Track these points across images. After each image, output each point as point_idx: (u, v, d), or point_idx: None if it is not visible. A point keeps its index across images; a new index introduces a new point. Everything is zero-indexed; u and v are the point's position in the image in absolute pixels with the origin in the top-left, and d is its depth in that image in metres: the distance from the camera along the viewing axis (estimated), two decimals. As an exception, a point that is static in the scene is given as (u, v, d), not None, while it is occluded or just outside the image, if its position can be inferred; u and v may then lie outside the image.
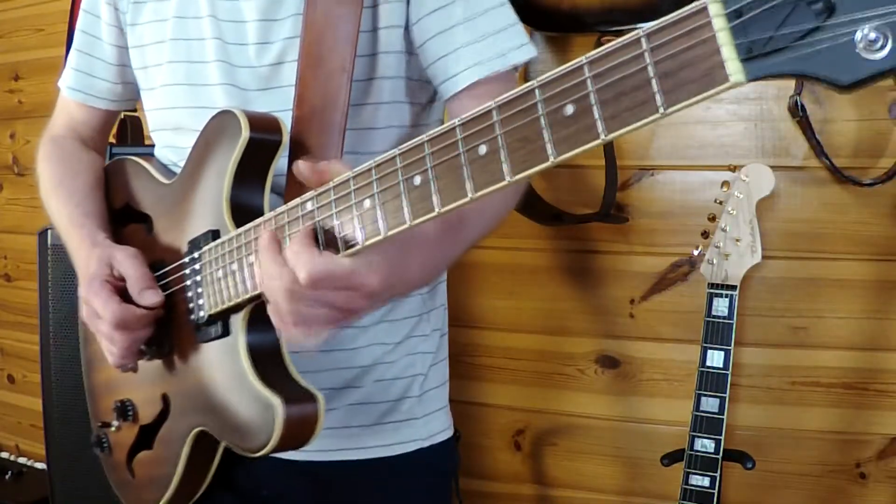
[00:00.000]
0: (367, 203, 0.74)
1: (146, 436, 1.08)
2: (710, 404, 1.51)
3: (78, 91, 1.22)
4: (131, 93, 1.22)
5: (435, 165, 0.69)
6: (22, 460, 2.59)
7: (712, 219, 1.55)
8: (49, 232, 1.87)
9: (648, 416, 1.88)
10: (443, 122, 1.14)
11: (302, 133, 1.00)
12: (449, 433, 1.20)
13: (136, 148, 1.93)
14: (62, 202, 1.15)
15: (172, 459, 1.02)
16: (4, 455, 2.66)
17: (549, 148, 0.61)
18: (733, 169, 1.53)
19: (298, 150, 0.99)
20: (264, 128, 0.96)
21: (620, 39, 0.57)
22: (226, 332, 0.93)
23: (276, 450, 0.87)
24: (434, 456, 1.17)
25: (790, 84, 1.65)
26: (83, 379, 1.23)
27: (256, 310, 0.90)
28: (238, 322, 0.92)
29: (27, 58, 2.62)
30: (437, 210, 0.69)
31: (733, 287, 1.51)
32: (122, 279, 1.01)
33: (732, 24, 0.51)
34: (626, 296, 1.87)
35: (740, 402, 1.76)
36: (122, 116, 2.05)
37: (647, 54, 0.55)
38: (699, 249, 1.55)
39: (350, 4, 1.00)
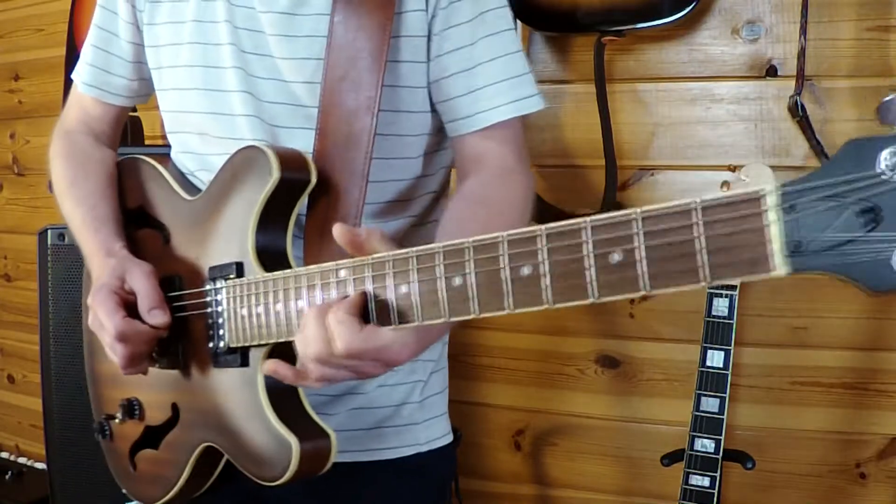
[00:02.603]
0: (404, 289, 0.76)
1: (152, 436, 1.09)
2: (710, 404, 1.51)
3: (93, 87, 1.21)
4: (147, 88, 1.21)
5: (477, 272, 0.70)
6: (22, 460, 2.59)
7: (712, 219, 1.55)
8: (49, 232, 1.87)
9: (648, 416, 1.88)
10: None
11: (325, 168, 1.00)
12: (448, 438, 1.21)
13: (137, 148, 1.93)
14: (76, 203, 1.15)
15: (178, 465, 1.04)
16: (4, 455, 2.66)
17: (591, 289, 0.63)
18: (733, 169, 1.53)
19: (320, 185, 1.00)
20: (294, 167, 0.97)
21: (675, 204, 0.58)
22: (245, 363, 0.95)
23: (288, 482, 0.90)
24: (433, 461, 1.17)
25: (790, 84, 1.65)
26: (85, 363, 1.23)
27: (277, 347, 0.91)
28: (258, 356, 0.93)
29: (27, 58, 2.62)
30: (474, 314, 0.70)
31: (733, 287, 1.51)
32: (132, 293, 1.01)
33: (786, 219, 0.54)
34: (626, 296, 1.87)
35: (740, 402, 1.76)
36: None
37: (698, 226, 0.57)
38: (699, 249, 1.55)
39: (378, 37, 1.00)
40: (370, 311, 0.78)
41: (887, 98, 0.51)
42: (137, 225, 1.14)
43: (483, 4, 1.06)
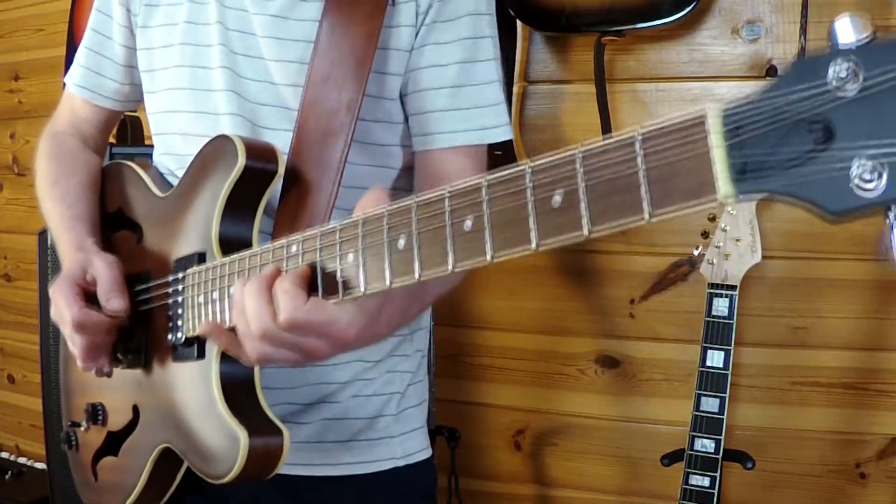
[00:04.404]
0: (351, 257, 0.74)
1: (113, 442, 1.08)
2: (710, 404, 1.51)
3: (85, 88, 1.22)
4: (137, 94, 1.22)
5: (421, 231, 0.68)
6: (22, 460, 2.59)
7: (712, 219, 1.55)
8: (49, 232, 1.87)
9: (648, 416, 1.88)
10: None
11: (299, 164, 1.00)
12: (427, 453, 1.19)
13: (137, 148, 1.93)
14: (56, 202, 1.15)
15: (136, 470, 1.02)
16: (4, 455, 2.66)
17: (533, 235, 0.60)
18: (733, 169, 1.53)
19: (293, 180, 1.00)
20: (261, 157, 0.96)
21: (616, 138, 0.55)
22: (201, 356, 0.94)
23: (236, 479, 0.87)
24: (410, 476, 1.15)
25: (790, 84, 1.65)
26: (59, 375, 1.24)
27: None
28: (214, 348, 0.92)
29: (27, 58, 2.62)
30: (416, 276, 0.68)
31: (733, 287, 1.51)
32: (94, 283, 1.02)
33: (729, 141, 0.50)
34: (626, 296, 1.87)
35: (740, 402, 1.76)
36: (123, 116, 2.05)
37: (640, 158, 0.54)
38: (699, 249, 1.55)
39: (363, 45, 1.00)
40: (317, 283, 0.77)
41: (839, 18, 0.47)
42: (116, 228, 1.15)
43: (464, 31, 1.06)
